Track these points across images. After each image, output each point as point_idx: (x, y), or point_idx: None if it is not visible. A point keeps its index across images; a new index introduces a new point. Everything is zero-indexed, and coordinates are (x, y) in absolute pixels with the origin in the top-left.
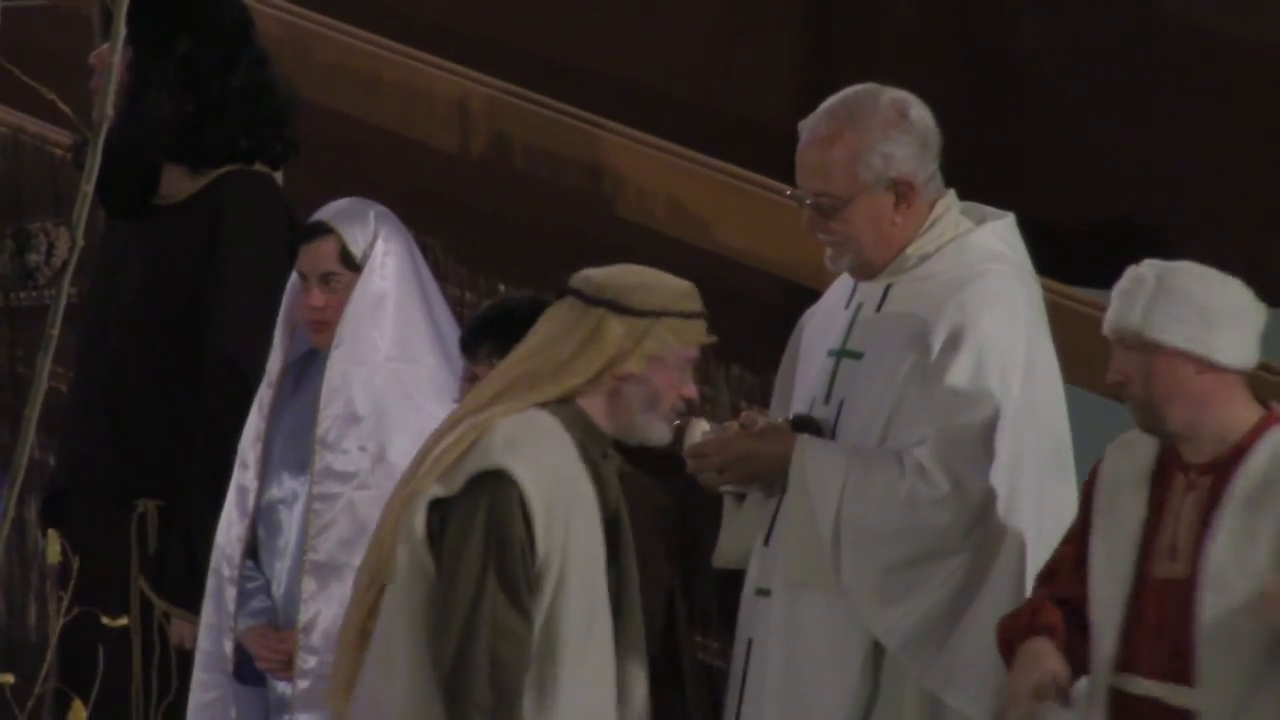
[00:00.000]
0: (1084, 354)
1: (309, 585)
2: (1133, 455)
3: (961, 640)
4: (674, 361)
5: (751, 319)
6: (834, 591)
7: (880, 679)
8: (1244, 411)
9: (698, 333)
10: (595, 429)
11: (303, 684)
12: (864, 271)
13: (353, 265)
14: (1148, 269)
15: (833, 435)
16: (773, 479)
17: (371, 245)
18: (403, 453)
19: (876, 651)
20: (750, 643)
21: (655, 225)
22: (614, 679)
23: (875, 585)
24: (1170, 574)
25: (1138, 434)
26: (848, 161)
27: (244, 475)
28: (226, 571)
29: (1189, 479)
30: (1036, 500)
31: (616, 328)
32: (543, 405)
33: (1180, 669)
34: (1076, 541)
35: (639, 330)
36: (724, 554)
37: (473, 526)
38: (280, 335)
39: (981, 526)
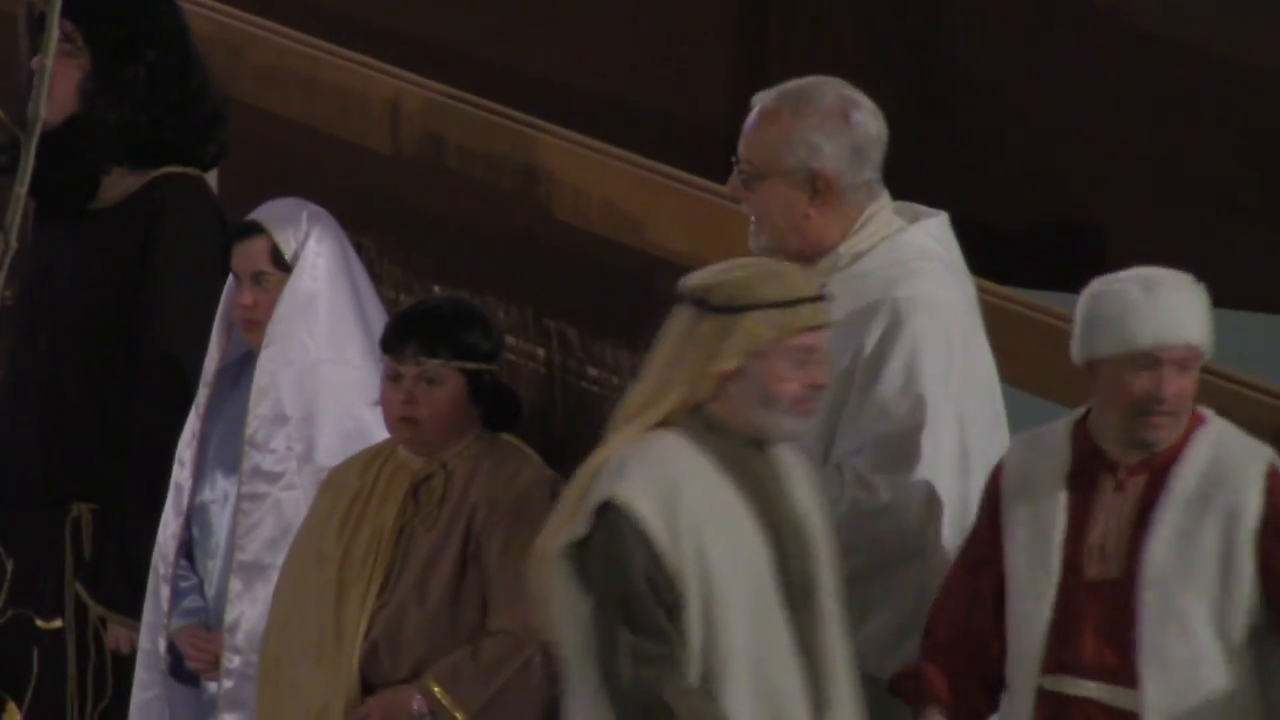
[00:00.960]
0: (1022, 355)
1: (235, 585)
2: (1041, 454)
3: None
4: (777, 352)
5: None
6: None
7: None
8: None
9: (800, 319)
10: (730, 430)
11: (228, 683)
12: (780, 254)
13: (283, 265)
14: (1153, 279)
15: None
16: None
17: (303, 246)
18: (330, 453)
19: None
20: None
21: (591, 227)
22: (798, 673)
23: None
24: (1104, 574)
25: (1039, 432)
26: (776, 141)
27: (180, 474)
28: (162, 570)
29: (1118, 479)
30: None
31: (705, 327)
32: (665, 422)
33: (1122, 670)
34: (975, 546)
35: (725, 326)
36: None
37: (597, 566)
38: (217, 335)
39: (932, 527)
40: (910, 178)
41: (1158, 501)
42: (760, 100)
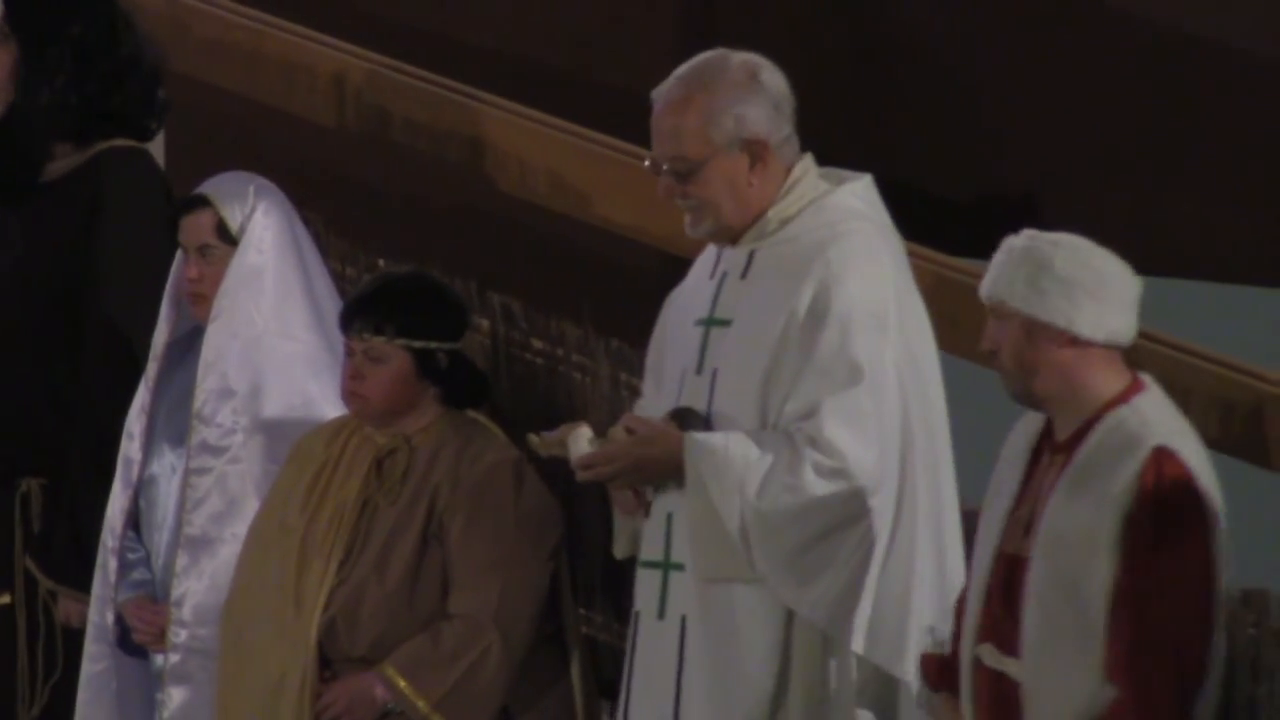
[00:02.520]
0: (965, 324)
1: (182, 559)
2: (1023, 432)
3: (880, 603)
4: None
5: (633, 292)
6: (752, 582)
7: (794, 637)
8: (1106, 386)
9: None
10: None
11: (174, 658)
12: (724, 235)
13: (228, 238)
14: (1020, 238)
15: (708, 405)
16: (666, 480)
17: (249, 219)
18: (276, 428)
19: (792, 615)
20: (638, 615)
21: (537, 199)
22: None
23: (789, 567)
24: (1017, 550)
25: (1027, 418)
26: (700, 124)
27: (129, 447)
28: (110, 543)
29: (1051, 456)
30: (929, 451)
31: None
32: None
33: (1015, 642)
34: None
35: None
36: (624, 546)
37: None
38: (166, 308)
39: (882, 489)
40: (848, 143)
41: (1058, 480)
42: (662, 94)
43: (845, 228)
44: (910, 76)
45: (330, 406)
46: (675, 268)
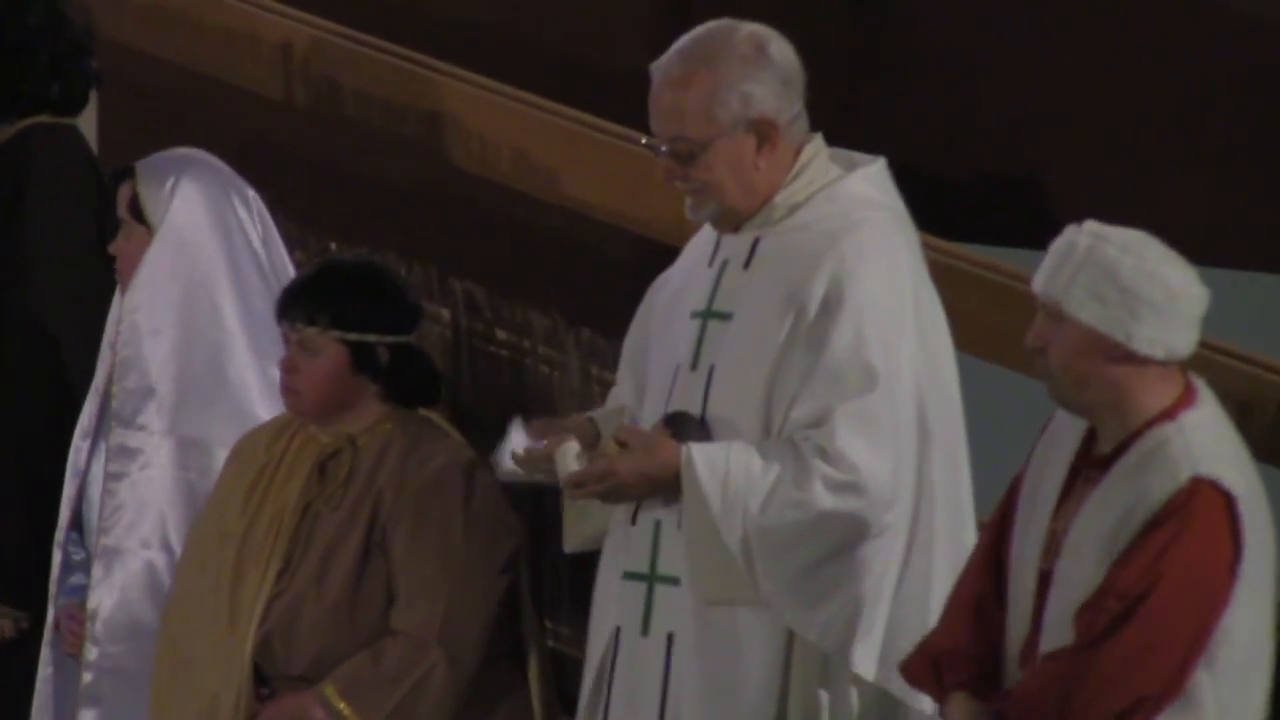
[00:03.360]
0: (973, 317)
1: (97, 570)
2: (1059, 446)
3: (894, 627)
4: None
5: (604, 279)
6: (756, 604)
7: (794, 658)
8: (1155, 400)
9: None
10: None
11: (87, 676)
12: (728, 221)
13: (140, 216)
14: (1084, 234)
15: (704, 404)
16: (665, 496)
17: (168, 199)
18: (196, 427)
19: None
20: (618, 630)
21: (500, 178)
22: None
23: (796, 588)
24: (1049, 566)
25: (1070, 419)
26: (704, 103)
27: (79, 436)
28: (59, 538)
29: (1088, 474)
30: (948, 462)
31: None
32: None
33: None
34: (992, 530)
35: None
36: (576, 538)
37: None
38: (120, 289)
39: (898, 502)
40: (853, 125)
41: (1089, 495)
42: (662, 69)
43: (859, 217)
44: (915, 51)
45: (260, 404)
46: (650, 252)
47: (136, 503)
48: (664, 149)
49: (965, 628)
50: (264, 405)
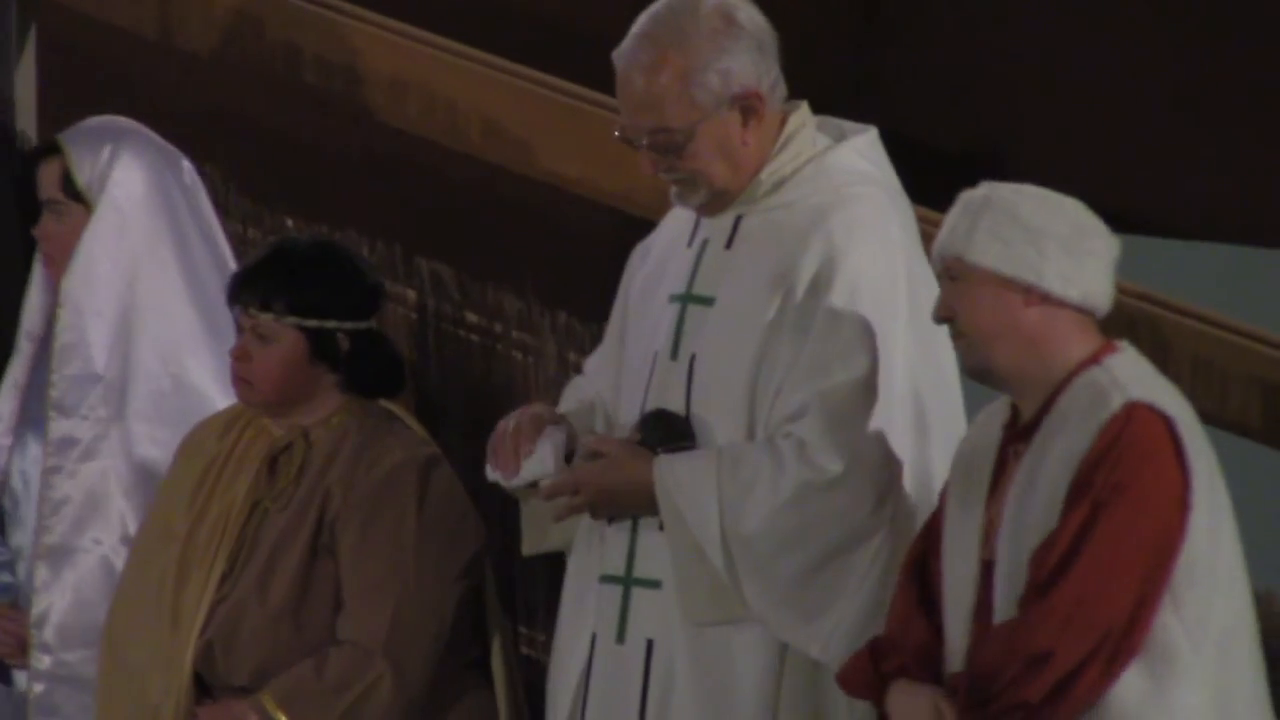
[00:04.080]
0: None
1: (42, 572)
2: (989, 425)
3: None
4: None
5: (582, 258)
6: (748, 622)
7: (786, 665)
8: (1074, 352)
9: None
10: None
11: (39, 687)
12: (718, 205)
13: (74, 194)
14: (979, 189)
15: (686, 395)
16: (642, 512)
17: (105, 174)
18: (142, 417)
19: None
20: (595, 637)
21: (470, 149)
22: None
23: (789, 602)
24: (987, 554)
25: (991, 409)
26: (680, 88)
27: (1, 439)
28: None
29: (1016, 449)
30: (948, 453)
31: None
32: None
33: None
34: (926, 530)
35: None
36: (533, 540)
37: None
38: (40, 273)
39: (892, 497)
40: (846, 92)
41: (1019, 469)
42: (627, 56)
43: (850, 192)
44: (914, 12)
45: (213, 391)
46: (632, 228)
47: (84, 497)
48: (644, 142)
49: (898, 622)
50: (215, 392)
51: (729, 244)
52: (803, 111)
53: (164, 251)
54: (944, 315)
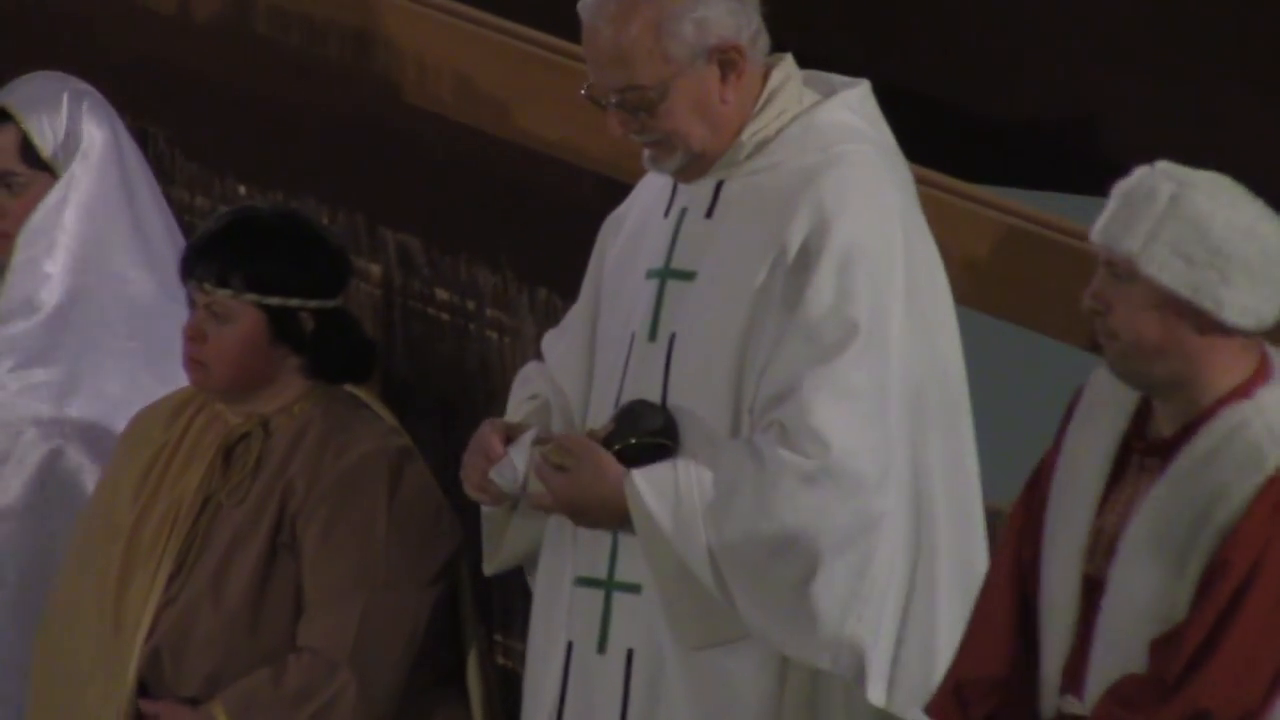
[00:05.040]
0: (988, 268)
1: None
2: (1099, 425)
3: (902, 633)
4: None
5: (564, 229)
6: (749, 639)
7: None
8: (1229, 378)
9: None
10: None
11: None
12: (696, 169)
13: (36, 162)
14: (1164, 177)
15: (664, 379)
16: (614, 528)
17: (67, 137)
18: (95, 403)
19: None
20: (571, 645)
21: (442, 109)
22: None
23: (787, 612)
24: (1096, 570)
25: (1112, 391)
26: (652, 41)
27: None
28: None
29: (1145, 461)
30: (948, 436)
31: None
32: None
33: (1083, 683)
34: (1014, 531)
35: None
36: (502, 561)
37: None
38: None
39: (889, 482)
40: (840, 45)
41: (1151, 488)
42: (594, 8)
43: (840, 150)
44: None
45: (160, 369)
46: (618, 196)
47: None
48: (613, 101)
49: (991, 649)
50: (158, 372)
51: (710, 213)
52: (787, 64)
53: (116, 213)
54: (1096, 306)
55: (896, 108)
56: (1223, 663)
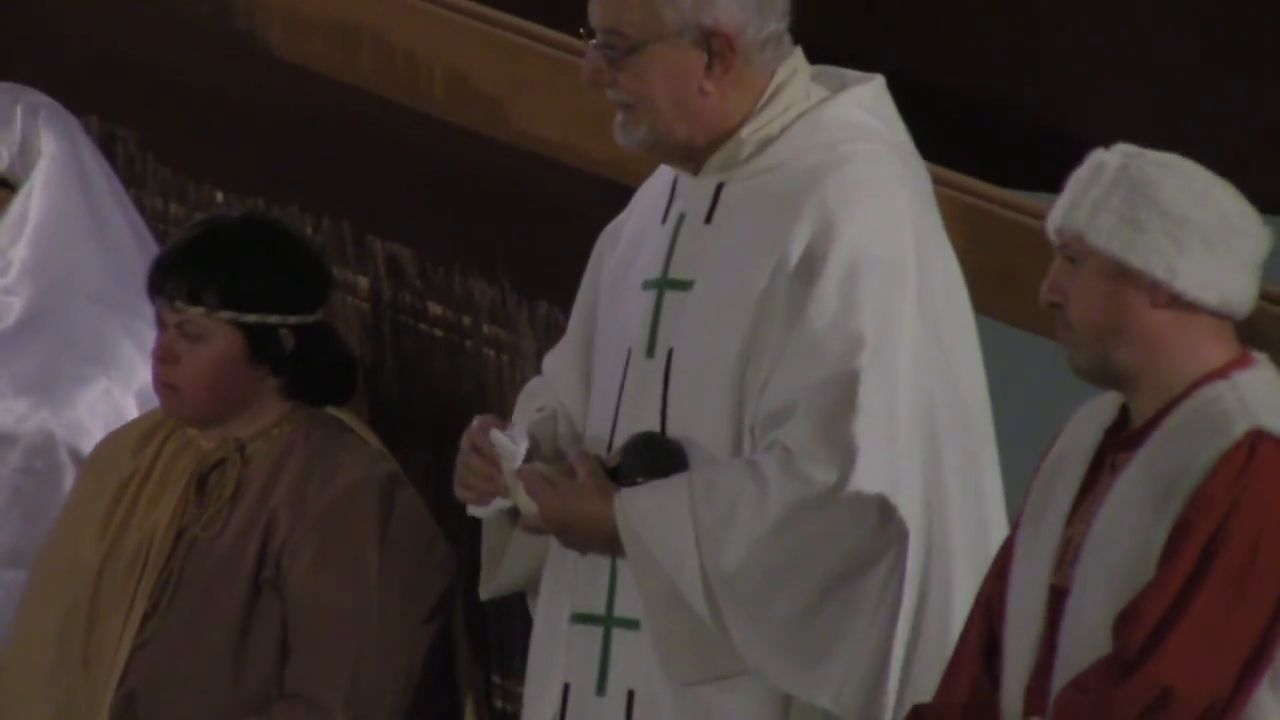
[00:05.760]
0: (1012, 278)
1: None
2: (1088, 425)
3: (913, 670)
4: None
5: (566, 238)
6: (746, 674)
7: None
8: (1201, 363)
9: None
10: None
11: None
12: (666, 153)
13: None
14: (1113, 153)
15: (663, 398)
16: (605, 552)
17: (23, 150)
18: (70, 427)
19: None
20: (567, 687)
21: (433, 108)
22: None
23: (790, 646)
24: (1062, 580)
25: (1088, 415)
26: None
27: None
28: None
29: (1115, 459)
30: (964, 456)
31: None
32: None
33: (1046, 699)
34: (997, 560)
35: None
36: (500, 583)
37: None
38: None
39: (897, 511)
40: (849, 36)
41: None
42: None
43: (848, 150)
44: None
45: (133, 393)
46: (625, 202)
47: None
48: (595, 42)
49: (953, 676)
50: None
51: (709, 218)
52: (795, 58)
53: (76, 228)
54: (1053, 300)
55: (916, 105)
56: (1186, 635)
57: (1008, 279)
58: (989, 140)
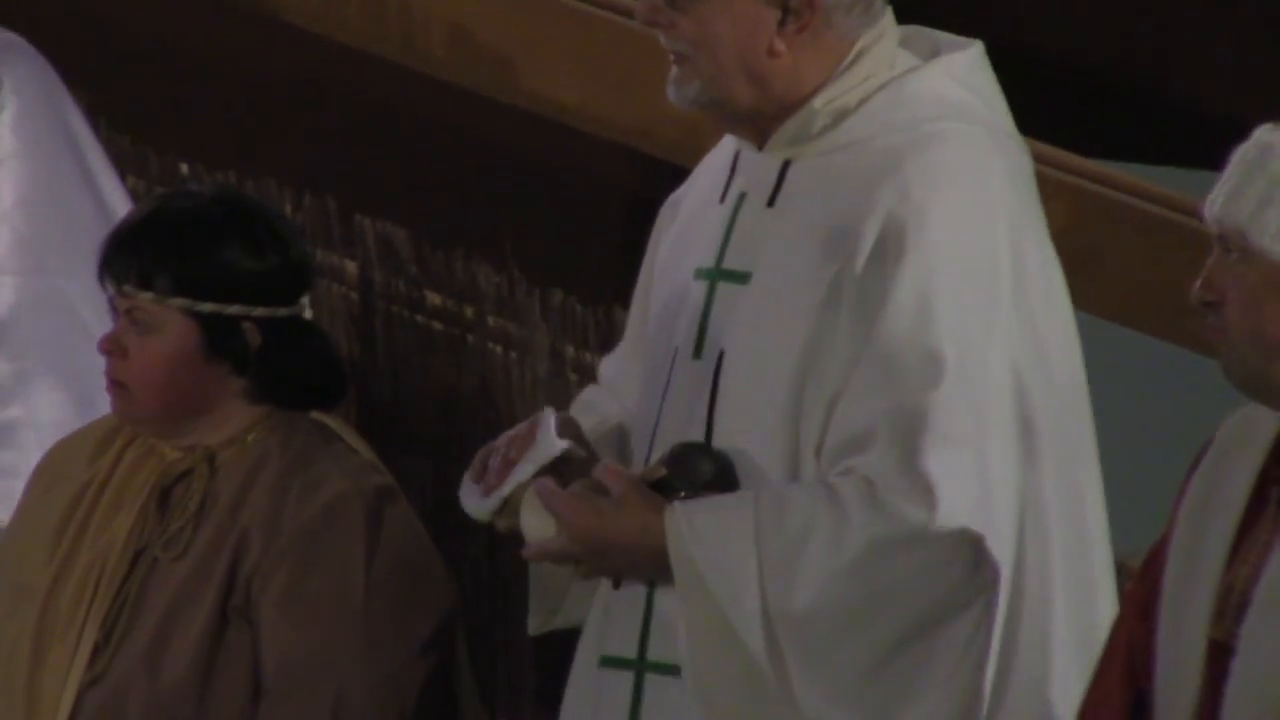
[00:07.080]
0: (1116, 264)
1: None
2: (1246, 443)
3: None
4: None
5: (584, 216)
6: None
7: None
8: None
9: None
10: None
11: None
12: (722, 115)
13: None
14: (1277, 135)
15: (710, 406)
16: (648, 575)
17: None
18: (54, 413)
19: None
20: None
21: (435, 71)
22: None
23: (855, 699)
24: (1225, 635)
25: (1245, 430)
26: None
27: None
28: None
29: (1278, 490)
30: (1067, 484)
31: None
32: None
33: None
34: (1135, 598)
35: None
36: (560, 619)
37: None
38: None
39: (990, 554)
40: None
41: None
42: None
43: (933, 130)
44: None
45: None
46: (652, 175)
47: None
48: None
49: None
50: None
51: (772, 200)
52: (884, 21)
53: (64, 191)
54: (1209, 298)
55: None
56: None
57: (1095, 262)
58: (1079, 108)
